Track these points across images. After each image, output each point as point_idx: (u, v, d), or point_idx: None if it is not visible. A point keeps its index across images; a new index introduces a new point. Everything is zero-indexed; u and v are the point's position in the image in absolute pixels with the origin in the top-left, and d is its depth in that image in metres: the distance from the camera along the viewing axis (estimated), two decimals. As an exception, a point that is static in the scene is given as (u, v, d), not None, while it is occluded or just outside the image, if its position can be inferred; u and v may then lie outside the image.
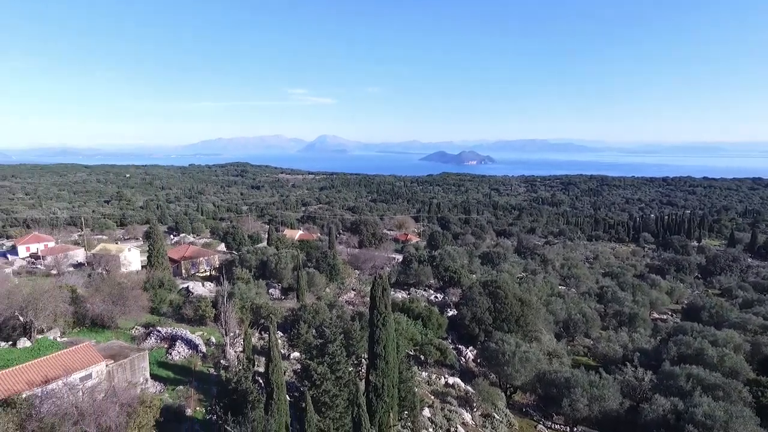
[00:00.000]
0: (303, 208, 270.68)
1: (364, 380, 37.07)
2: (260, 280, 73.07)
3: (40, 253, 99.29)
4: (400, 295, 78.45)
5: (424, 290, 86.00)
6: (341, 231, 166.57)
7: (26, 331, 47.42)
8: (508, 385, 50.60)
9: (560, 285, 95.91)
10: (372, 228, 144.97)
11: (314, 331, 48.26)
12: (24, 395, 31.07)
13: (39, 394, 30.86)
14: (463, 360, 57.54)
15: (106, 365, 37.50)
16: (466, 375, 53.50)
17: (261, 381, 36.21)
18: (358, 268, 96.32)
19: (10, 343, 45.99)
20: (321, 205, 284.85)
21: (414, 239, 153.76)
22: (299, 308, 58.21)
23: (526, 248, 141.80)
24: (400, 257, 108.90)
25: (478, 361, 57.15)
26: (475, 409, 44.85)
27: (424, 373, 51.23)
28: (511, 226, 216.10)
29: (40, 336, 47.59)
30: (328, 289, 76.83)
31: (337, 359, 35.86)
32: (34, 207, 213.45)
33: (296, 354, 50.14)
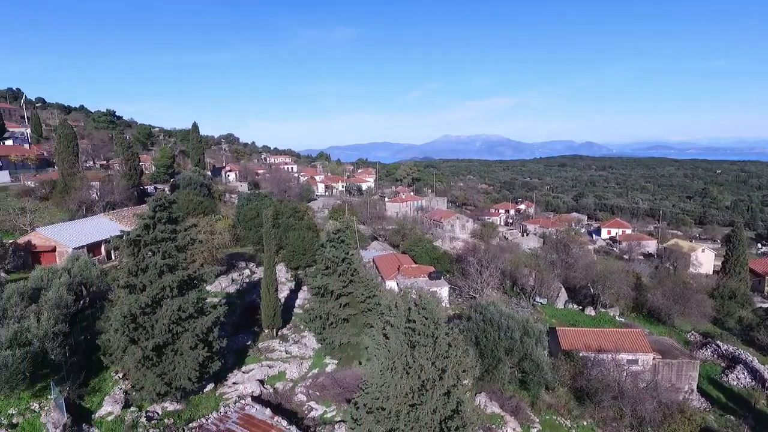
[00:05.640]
0: None
1: None
2: None
3: (617, 238, 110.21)
4: None
5: None
6: None
7: (593, 301, 54.52)
8: None
9: None
10: None
11: None
12: (580, 354, 36.15)
13: (591, 358, 35.04)
14: None
15: (653, 358, 37.54)
16: None
17: None
18: None
19: (580, 307, 54.37)
20: None
21: None
22: None
23: None
24: None
25: None
26: None
27: None
28: None
29: (602, 309, 53.52)
30: None
31: None
32: (620, 196, 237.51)
33: None
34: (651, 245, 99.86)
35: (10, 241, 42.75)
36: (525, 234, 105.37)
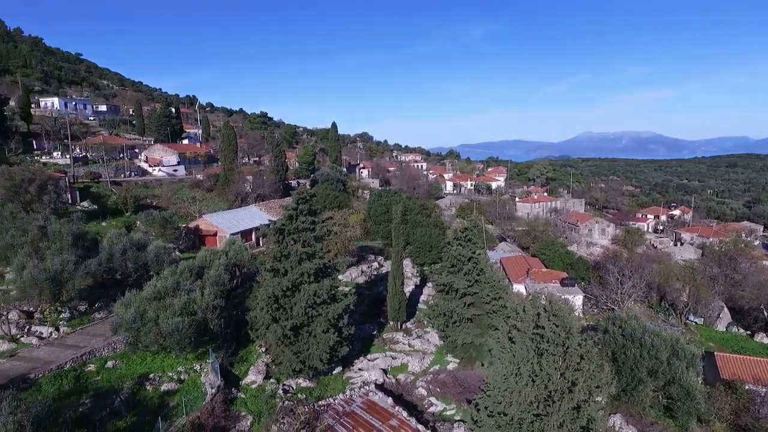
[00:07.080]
0: None
1: None
2: None
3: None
4: None
5: None
6: None
7: (767, 326, 46.16)
8: None
9: None
10: None
11: None
12: (746, 386, 30.85)
13: (761, 393, 29.71)
14: None
15: None
16: None
17: None
18: None
19: (748, 332, 46.42)
20: None
21: None
22: None
23: None
24: None
25: None
26: None
27: None
28: None
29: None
30: None
31: None
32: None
33: None
34: None
35: (184, 225, 50.41)
36: (678, 243, 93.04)
